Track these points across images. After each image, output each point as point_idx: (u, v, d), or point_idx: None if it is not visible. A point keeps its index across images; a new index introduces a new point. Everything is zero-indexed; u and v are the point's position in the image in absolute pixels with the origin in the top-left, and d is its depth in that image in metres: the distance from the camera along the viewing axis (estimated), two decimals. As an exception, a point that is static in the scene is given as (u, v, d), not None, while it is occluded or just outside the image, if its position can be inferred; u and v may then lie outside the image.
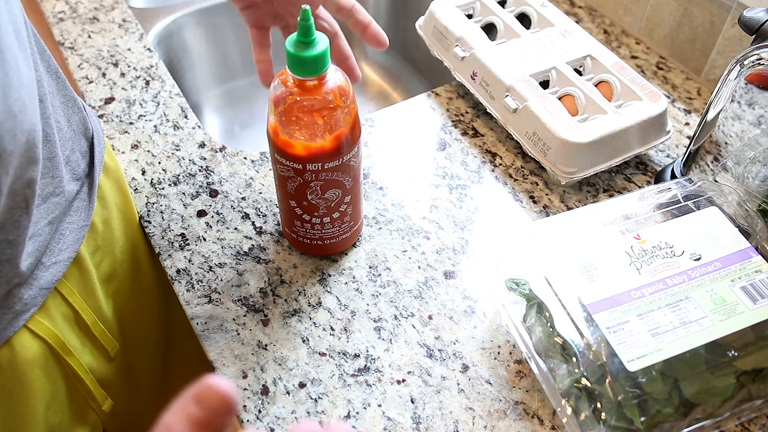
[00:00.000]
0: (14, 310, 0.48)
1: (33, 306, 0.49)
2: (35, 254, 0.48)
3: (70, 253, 0.52)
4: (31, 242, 0.47)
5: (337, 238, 0.59)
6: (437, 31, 0.78)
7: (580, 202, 0.67)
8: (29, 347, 0.50)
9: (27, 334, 0.50)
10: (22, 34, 0.43)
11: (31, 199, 0.45)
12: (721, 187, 0.56)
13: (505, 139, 0.73)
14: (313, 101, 0.50)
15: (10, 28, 0.40)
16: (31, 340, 0.50)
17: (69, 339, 0.54)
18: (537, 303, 0.50)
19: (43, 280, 0.50)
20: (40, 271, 0.49)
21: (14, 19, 0.42)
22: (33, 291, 0.49)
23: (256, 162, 0.70)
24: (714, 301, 0.48)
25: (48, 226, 0.49)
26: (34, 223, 0.47)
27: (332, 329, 0.57)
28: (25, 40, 0.44)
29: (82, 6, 0.90)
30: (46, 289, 0.50)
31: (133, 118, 0.75)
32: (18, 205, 0.44)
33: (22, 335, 0.49)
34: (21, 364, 0.49)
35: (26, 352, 0.50)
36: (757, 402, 0.47)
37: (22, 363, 0.49)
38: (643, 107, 0.67)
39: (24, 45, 0.43)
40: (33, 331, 0.50)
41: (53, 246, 0.50)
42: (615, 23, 0.87)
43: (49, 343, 0.51)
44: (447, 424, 0.51)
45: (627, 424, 0.44)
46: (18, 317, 0.48)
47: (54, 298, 0.52)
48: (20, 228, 0.45)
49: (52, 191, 0.49)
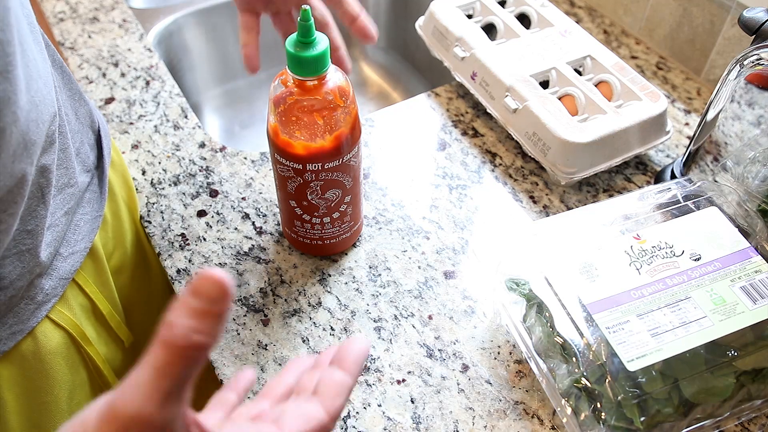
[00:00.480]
0: (36, 301, 0.48)
1: (54, 296, 0.50)
2: (54, 244, 0.49)
3: (86, 243, 0.53)
4: (49, 232, 0.48)
5: (337, 238, 0.59)
6: (437, 31, 0.78)
7: (580, 202, 0.67)
8: (52, 337, 0.50)
9: (49, 324, 0.50)
10: (36, 27, 0.44)
11: (46, 189, 0.46)
12: (721, 187, 0.56)
13: (505, 139, 0.73)
14: (313, 101, 0.50)
15: (24, 21, 0.41)
16: (53, 330, 0.50)
17: (87, 329, 0.54)
18: (537, 303, 0.50)
19: (62, 270, 0.50)
20: (58, 261, 0.50)
21: (27, 12, 0.43)
22: (53, 281, 0.50)
23: (256, 162, 0.70)
24: (714, 301, 0.48)
25: (64, 217, 0.50)
26: (51, 213, 0.48)
27: (332, 329, 0.57)
28: (38, 33, 0.45)
29: (82, 6, 0.90)
30: (65, 279, 0.51)
31: (134, 118, 0.75)
32: (34, 195, 0.45)
33: (44, 325, 0.50)
34: (45, 355, 0.50)
35: (49, 342, 0.50)
36: (756, 402, 0.47)
37: (46, 353, 0.50)
38: (643, 107, 0.67)
39: (38, 38, 0.45)
40: (54, 321, 0.51)
41: (69, 236, 0.51)
42: (615, 23, 0.87)
43: (70, 332, 0.52)
44: (447, 424, 0.51)
45: (627, 424, 0.44)
46: (40, 307, 0.49)
47: (72, 289, 0.53)
48: (38, 217, 0.45)
49: (67, 182, 0.50)
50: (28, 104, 0.39)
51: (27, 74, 0.40)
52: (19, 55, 0.38)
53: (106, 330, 0.58)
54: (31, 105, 0.40)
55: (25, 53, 0.40)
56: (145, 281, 0.65)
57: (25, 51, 0.40)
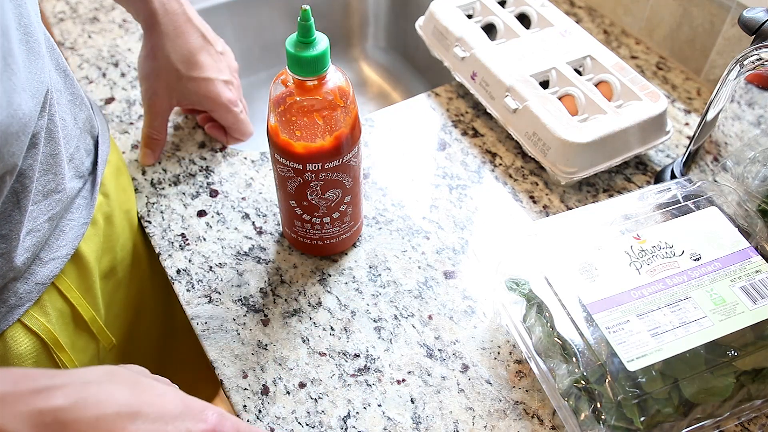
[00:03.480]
0: (8, 304, 0.48)
1: (28, 301, 0.49)
2: (33, 249, 0.48)
3: (69, 249, 0.52)
4: (29, 237, 0.48)
5: (337, 238, 0.59)
6: (437, 31, 0.78)
7: (580, 202, 0.67)
8: (22, 342, 0.50)
9: (20, 329, 0.50)
10: (34, 36, 0.43)
11: (22, 194, 0.45)
12: (720, 187, 0.56)
13: (505, 139, 0.73)
14: (313, 101, 0.50)
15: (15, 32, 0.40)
16: (24, 335, 0.50)
17: (62, 335, 0.54)
18: (537, 303, 0.50)
19: (40, 276, 0.50)
20: (37, 266, 0.50)
21: (26, 22, 0.42)
22: (29, 286, 0.49)
23: (256, 162, 0.70)
24: (714, 301, 0.48)
25: (48, 222, 0.49)
26: (33, 218, 0.47)
27: (332, 329, 0.57)
28: (38, 41, 0.44)
29: (82, 6, 0.90)
30: (42, 284, 0.50)
31: (134, 118, 0.75)
32: (8, 200, 0.44)
33: (15, 330, 0.49)
34: (12, 358, 0.50)
35: (18, 346, 0.50)
36: (756, 402, 0.47)
37: (14, 357, 0.50)
38: (642, 107, 0.67)
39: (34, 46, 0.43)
40: (27, 326, 0.50)
41: (52, 242, 0.51)
42: (615, 23, 0.87)
43: (43, 338, 0.51)
44: (447, 424, 0.51)
45: (627, 424, 0.44)
46: (12, 311, 0.48)
47: (50, 294, 0.52)
48: (12, 222, 0.45)
49: (54, 188, 0.49)
50: (7, 118, 0.38)
51: (10, 88, 0.39)
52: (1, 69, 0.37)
53: (87, 335, 0.57)
54: (10, 119, 0.39)
55: (8, 67, 0.38)
56: (134, 286, 0.65)
57: (9, 65, 0.39)
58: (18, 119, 0.39)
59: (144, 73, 0.65)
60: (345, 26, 1.10)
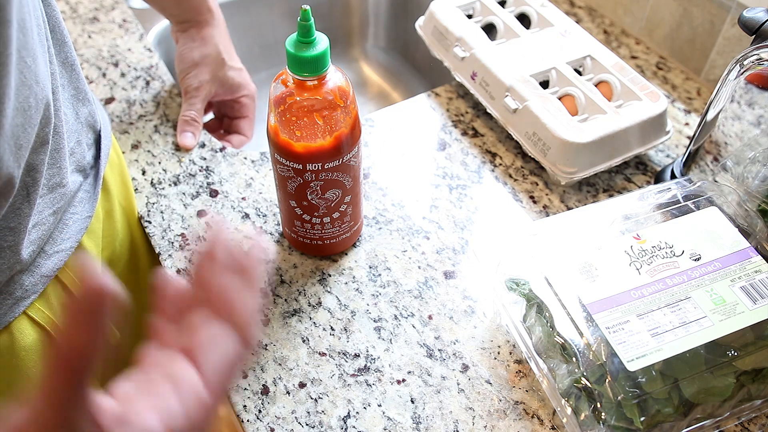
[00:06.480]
0: (14, 297, 0.48)
1: (33, 293, 0.50)
2: (38, 242, 0.49)
3: (73, 242, 0.53)
4: (35, 230, 0.48)
5: (337, 238, 0.59)
6: (437, 31, 0.78)
7: (580, 202, 0.67)
8: (28, 334, 0.50)
9: (26, 321, 0.50)
10: (42, 29, 0.44)
11: (32, 188, 0.45)
12: (720, 187, 0.56)
13: (505, 139, 0.73)
14: (313, 101, 0.50)
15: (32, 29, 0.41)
16: (29, 327, 0.50)
17: None
18: (537, 303, 0.50)
19: (45, 268, 0.50)
20: (42, 259, 0.50)
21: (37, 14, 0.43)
22: (34, 278, 0.50)
23: (256, 162, 0.70)
24: (714, 301, 0.48)
25: (52, 216, 0.50)
26: (39, 212, 0.48)
27: (332, 329, 0.57)
28: (44, 34, 0.45)
29: (82, 6, 0.90)
30: (47, 276, 0.51)
31: (134, 118, 0.75)
32: (19, 193, 0.44)
33: (21, 322, 0.50)
34: (19, 350, 0.50)
35: (25, 338, 0.50)
36: (756, 402, 0.47)
37: (20, 349, 0.50)
38: (642, 107, 0.67)
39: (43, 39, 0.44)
40: (32, 318, 0.50)
41: (56, 235, 0.51)
42: (615, 23, 0.87)
43: (48, 330, 0.52)
44: (447, 424, 0.51)
45: (627, 423, 0.44)
46: (18, 303, 0.49)
47: (55, 286, 0.53)
48: (21, 215, 0.45)
49: (59, 182, 0.50)
50: (14, 111, 0.39)
51: (20, 81, 0.39)
52: (13, 65, 0.38)
53: None
54: (17, 112, 0.39)
55: (22, 60, 0.39)
56: (132, 283, 0.65)
57: (23, 58, 0.39)
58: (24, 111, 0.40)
59: (192, 60, 0.72)
60: (345, 26, 1.10)
